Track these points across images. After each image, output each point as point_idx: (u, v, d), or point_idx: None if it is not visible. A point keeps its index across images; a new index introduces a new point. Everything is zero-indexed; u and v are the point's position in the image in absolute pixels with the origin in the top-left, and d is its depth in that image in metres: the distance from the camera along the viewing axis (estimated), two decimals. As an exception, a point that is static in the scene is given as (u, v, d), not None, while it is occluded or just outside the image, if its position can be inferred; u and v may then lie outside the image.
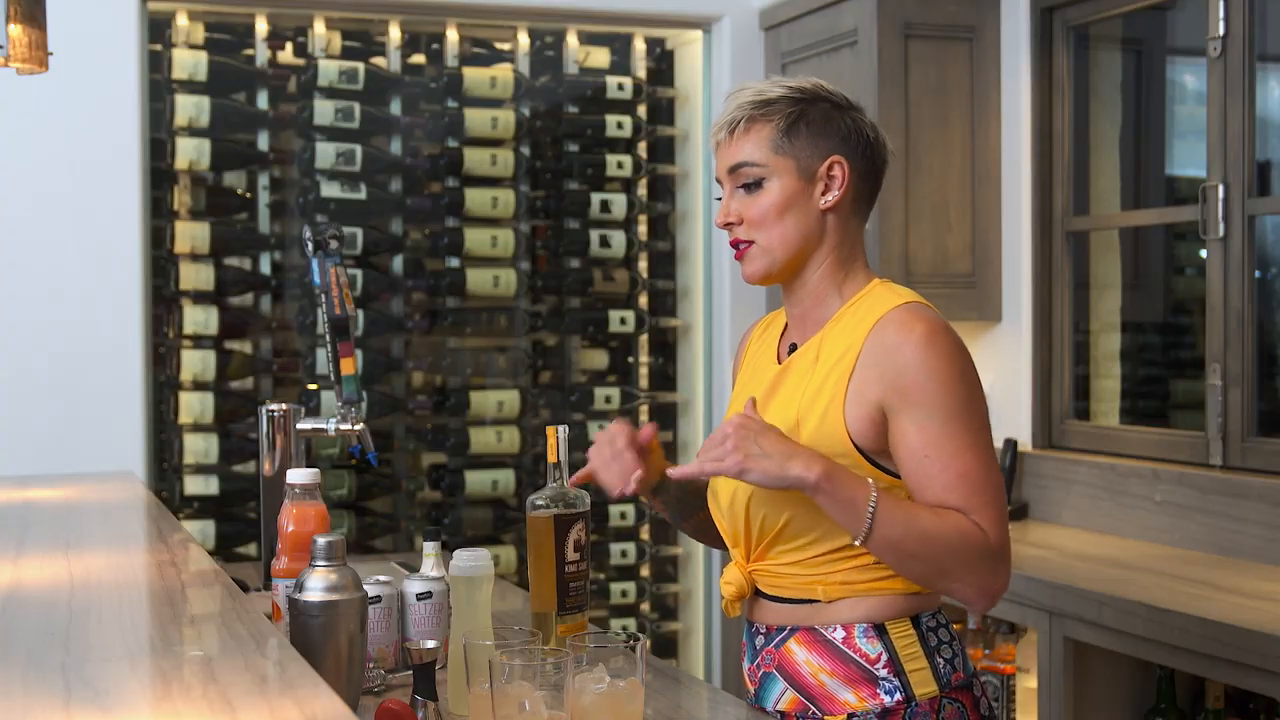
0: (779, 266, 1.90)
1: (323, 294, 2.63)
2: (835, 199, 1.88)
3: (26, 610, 1.63)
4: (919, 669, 1.83)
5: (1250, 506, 3.05)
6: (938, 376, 1.78)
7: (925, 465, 1.78)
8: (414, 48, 4.34)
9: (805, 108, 1.88)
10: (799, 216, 1.88)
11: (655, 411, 4.54)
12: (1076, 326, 3.76)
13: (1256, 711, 2.84)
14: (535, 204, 4.34)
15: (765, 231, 1.88)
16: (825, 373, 1.85)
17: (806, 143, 1.87)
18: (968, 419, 1.79)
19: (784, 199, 1.87)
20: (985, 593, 1.80)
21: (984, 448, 1.80)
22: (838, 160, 1.88)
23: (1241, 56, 3.15)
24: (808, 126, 1.87)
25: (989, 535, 1.78)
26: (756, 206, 1.88)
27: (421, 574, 2.06)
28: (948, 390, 1.78)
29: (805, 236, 1.88)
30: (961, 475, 1.78)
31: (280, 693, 1.26)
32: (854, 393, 1.82)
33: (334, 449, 4.01)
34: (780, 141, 1.87)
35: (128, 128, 3.83)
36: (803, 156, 1.87)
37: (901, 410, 1.79)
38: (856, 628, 1.84)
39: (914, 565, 1.78)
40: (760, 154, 1.88)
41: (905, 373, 1.79)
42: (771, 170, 1.87)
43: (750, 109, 1.89)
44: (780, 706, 1.89)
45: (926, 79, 3.77)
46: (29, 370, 3.75)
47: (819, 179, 1.88)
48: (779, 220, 1.88)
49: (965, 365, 1.82)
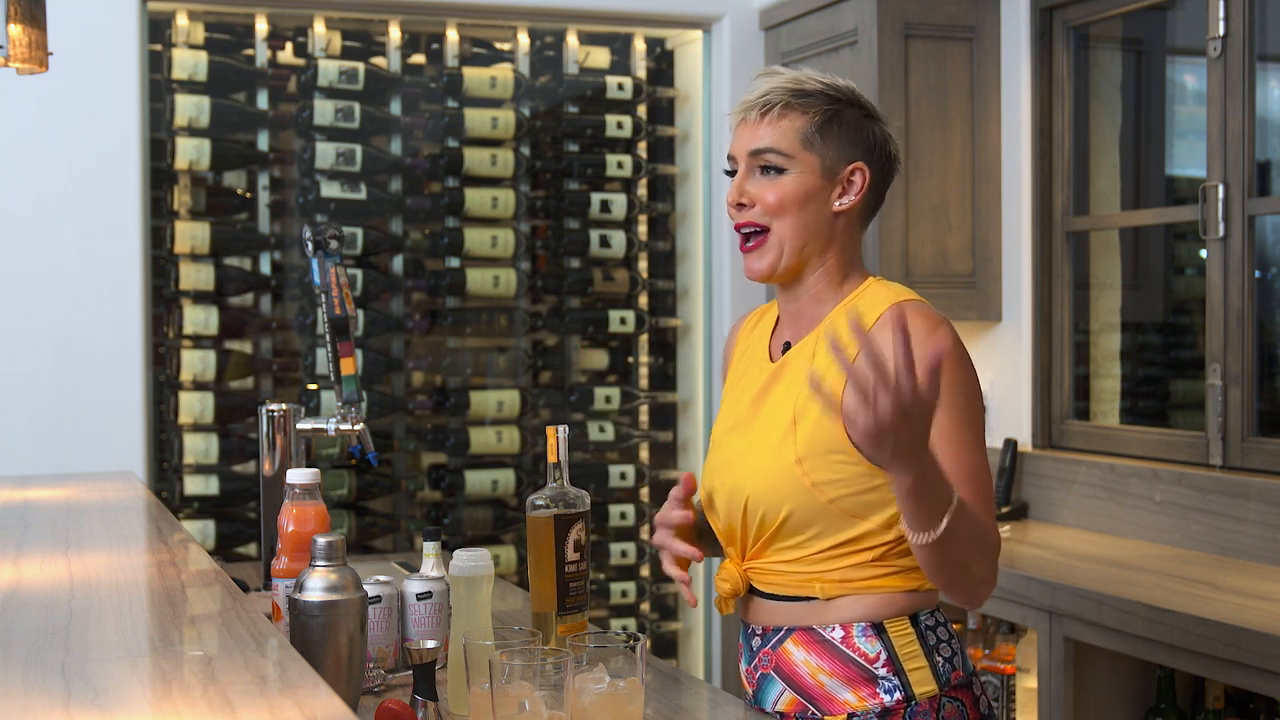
0: (785, 264, 1.90)
1: (323, 294, 2.63)
2: (850, 204, 1.88)
3: (26, 610, 1.63)
4: (918, 668, 1.83)
5: (1250, 506, 3.05)
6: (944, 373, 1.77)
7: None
8: (414, 48, 4.34)
9: (841, 109, 1.88)
10: (813, 214, 1.88)
11: (655, 411, 4.54)
12: (1076, 326, 3.76)
13: (1256, 711, 2.84)
14: (535, 204, 4.34)
15: (780, 219, 1.87)
16: (822, 370, 1.85)
17: (835, 144, 1.87)
18: (969, 415, 1.80)
19: (804, 192, 1.87)
20: (987, 584, 1.80)
21: (981, 445, 1.82)
22: (860, 167, 1.88)
23: (1241, 56, 3.15)
24: (839, 128, 1.87)
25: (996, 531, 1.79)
26: (775, 191, 1.87)
27: (421, 574, 2.06)
28: (952, 387, 1.78)
29: (814, 234, 1.88)
30: (967, 471, 1.78)
31: (280, 693, 1.26)
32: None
33: (334, 449, 4.01)
34: (812, 136, 1.87)
35: (128, 128, 3.83)
36: (829, 156, 1.87)
37: None
38: (855, 627, 1.84)
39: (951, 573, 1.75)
40: (789, 144, 1.86)
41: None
42: (796, 163, 1.87)
43: (788, 95, 1.87)
44: (779, 707, 1.89)
45: (926, 79, 3.77)
46: (29, 370, 3.76)
47: (839, 181, 1.88)
48: (796, 212, 1.87)
49: (964, 362, 1.82)
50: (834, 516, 1.81)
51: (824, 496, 1.81)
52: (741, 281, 4.31)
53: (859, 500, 1.81)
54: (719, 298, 4.38)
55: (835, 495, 1.81)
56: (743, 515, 1.89)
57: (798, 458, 1.82)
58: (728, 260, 4.32)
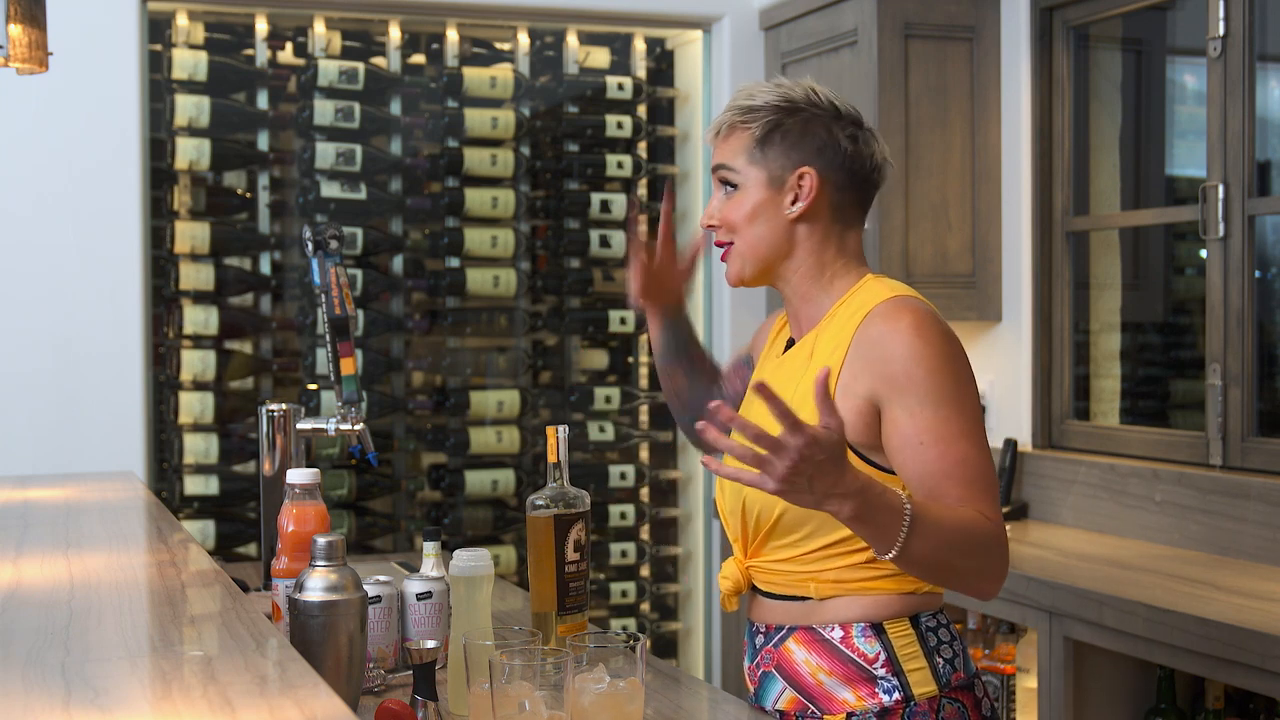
0: (749, 272, 1.94)
1: (323, 294, 2.63)
2: (803, 209, 1.90)
3: (26, 610, 1.63)
4: (918, 669, 1.83)
5: (1250, 506, 3.05)
6: (926, 363, 1.77)
7: (921, 452, 1.76)
8: (414, 48, 4.34)
9: (784, 118, 1.90)
10: (767, 224, 1.91)
11: (655, 411, 4.54)
12: (1076, 326, 3.76)
13: (1256, 711, 2.84)
14: (535, 204, 4.34)
15: (738, 235, 1.93)
16: (816, 369, 1.85)
17: (779, 153, 1.90)
18: (961, 404, 1.78)
19: (753, 206, 1.91)
20: (996, 579, 1.79)
21: (977, 433, 1.79)
22: (807, 171, 1.89)
23: (1241, 56, 3.15)
24: (782, 138, 1.90)
25: (993, 522, 1.76)
26: (731, 208, 1.93)
27: (421, 574, 2.06)
28: (937, 376, 1.77)
29: (772, 244, 1.91)
30: (960, 461, 1.76)
31: (280, 693, 1.26)
32: (843, 387, 1.82)
33: (334, 449, 4.01)
34: (754, 151, 1.91)
35: (128, 128, 3.83)
36: (774, 167, 1.90)
37: (892, 399, 1.78)
38: (854, 627, 1.84)
39: (938, 575, 1.77)
40: (736, 160, 1.92)
41: (893, 361, 1.78)
42: (744, 177, 1.91)
43: (734, 115, 1.93)
44: (779, 706, 1.89)
45: (926, 79, 3.77)
46: (29, 370, 3.76)
47: (789, 189, 1.90)
48: (748, 226, 1.91)
49: (954, 352, 1.81)
50: (826, 516, 1.79)
51: None
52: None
53: None
54: (719, 298, 4.38)
55: None
56: (742, 512, 1.90)
57: None
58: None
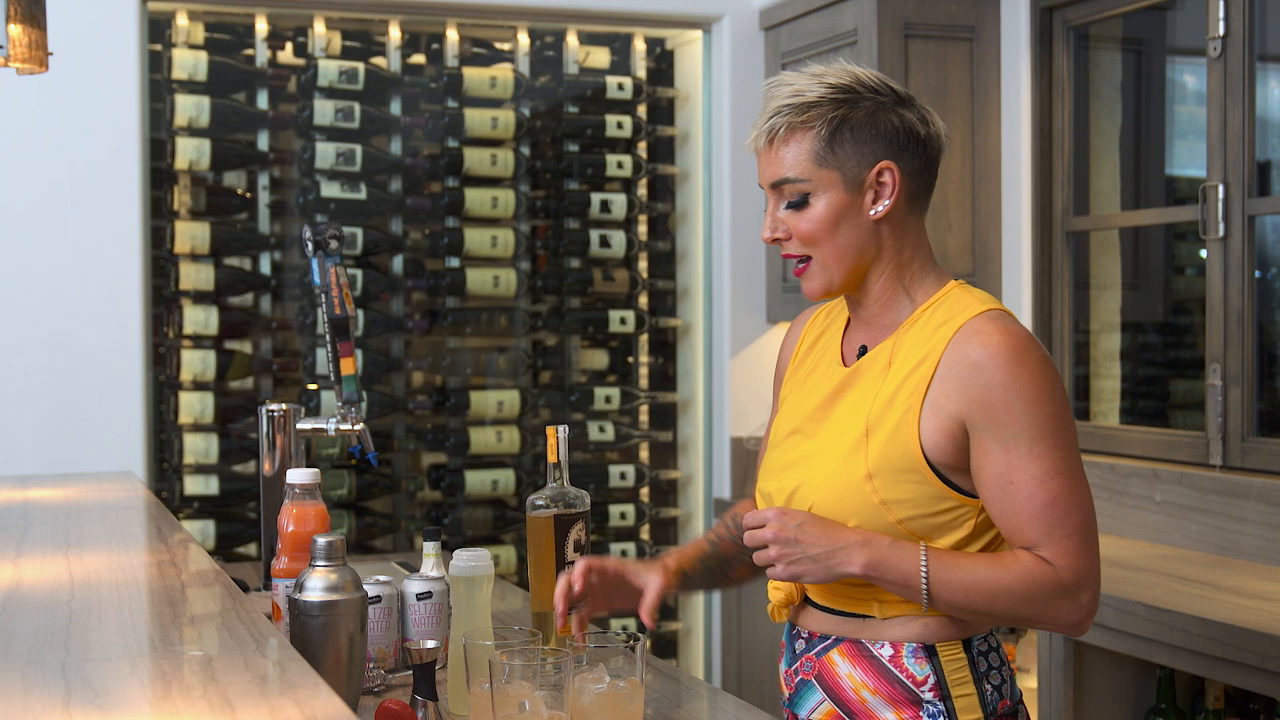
0: (838, 283, 1.79)
1: (323, 294, 2.63)
2: (888, 207, 1.76)
3: (26, 610, 1.63)
4: (966, 694, 1.76)
5: (1250, 506, 3.05)
6: (1025, 395, 1.68)
7: (1010, 493, 1.69)
8: (414, 48, 4.34)
9: (848, 111, 1.74)
10: (852, 230, 1.76)
11: (655, 411, 4.55)
12: (1076, 326, 3.75)
13: (1256, 711, 2.84)
14: (535, 204, 4.34)
15: (819, 249, 1.77)
16: (899, 381, 1.75)
17: (852, 150, 1.74)
18: (1057, 439, 1.70)
19: (833, 214, 1.75)
20: (1065, 626, 1.73)
21: (1072, 471, 1.71)
22: (887, 166, 1.75)
23: (1241, 56, 3.15)
24: (852, 132, 1.74)
25: (1059, 569, 1.69)
26: (805, 222, 1.76)
27: (421, 574, 2.06)
28: (1035, 409, 1.69)
29: (860, 250, 1.77)
30: (1046, 505, 1.69)
31: (280, 693, 1.26)
32: (931, 404, 1.72)
33: (334, 449, 4.01)
34: (823, 152, 1.74)
35: (128, 128, 3.83)
36: (849, 166, 1.74)
37: (986, 429, 1.70)
38: (905, 647, 1.76)
39: (986, 618, 1.74)
40: (803, 167, 1.75)
41: (992, 389, 1.69)
42: (816, 184, 1.75)
43: (789, 114, 1.75)
44: (815, 717, 1.82)
45: (926, 79, 3.77)
46: (29, 370, 3.76)
47: (868, 187, 1.75)
48: (831, 236, 1.76)
49: (1053, 382, 1.71)
50: (900, 537, 1.73)
51: (892, 516, 1.72)
52: (742, 281, 4.32)
53: (926, 523, 1.73)
54: (719, 298, 4.38)
55: (904, 516, 1.72)
56: None
57: (868, 473, 1.73)
58: (728, 260, 4.32)
